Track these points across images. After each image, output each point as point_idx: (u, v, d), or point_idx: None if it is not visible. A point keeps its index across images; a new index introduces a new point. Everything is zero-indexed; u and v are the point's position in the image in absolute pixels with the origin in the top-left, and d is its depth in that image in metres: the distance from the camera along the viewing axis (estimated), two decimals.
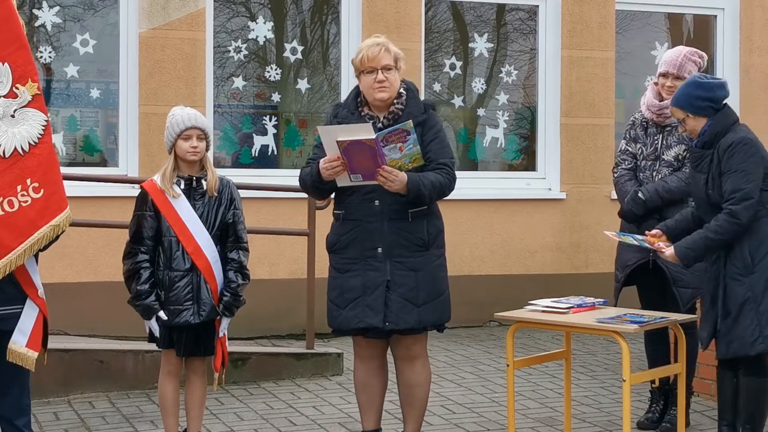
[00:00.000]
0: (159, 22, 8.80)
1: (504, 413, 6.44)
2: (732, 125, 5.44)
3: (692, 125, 5.45)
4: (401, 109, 5.48)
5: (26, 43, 4.72)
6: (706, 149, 5.43)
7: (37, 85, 4.69)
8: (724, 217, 5.30)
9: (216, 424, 6.54)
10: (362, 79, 5.49)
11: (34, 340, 4.65)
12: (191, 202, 5.50)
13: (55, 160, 4.74)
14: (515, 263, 9.61)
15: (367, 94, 5.50)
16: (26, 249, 4.60)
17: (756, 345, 5.31)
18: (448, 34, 10.07)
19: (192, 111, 5.58)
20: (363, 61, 5.44)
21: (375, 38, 5.55)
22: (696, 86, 5.47)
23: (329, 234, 5.60)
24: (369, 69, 5.43)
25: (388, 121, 5.46)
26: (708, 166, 5.42)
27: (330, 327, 5.61)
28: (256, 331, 8.63)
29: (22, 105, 4.67)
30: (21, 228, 4.59)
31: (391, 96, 5.46)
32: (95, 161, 9.03)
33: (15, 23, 4.67)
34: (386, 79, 5.42)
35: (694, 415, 6.52)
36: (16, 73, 4.65)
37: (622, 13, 10.24)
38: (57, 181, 4.71)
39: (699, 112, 5.42)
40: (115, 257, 6.47)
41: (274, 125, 9.40)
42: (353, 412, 6.77)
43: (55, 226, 4.66)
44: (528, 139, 10.16)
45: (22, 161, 4.62)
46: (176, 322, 5.45)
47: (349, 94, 5.70)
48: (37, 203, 4.62)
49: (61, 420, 6.65)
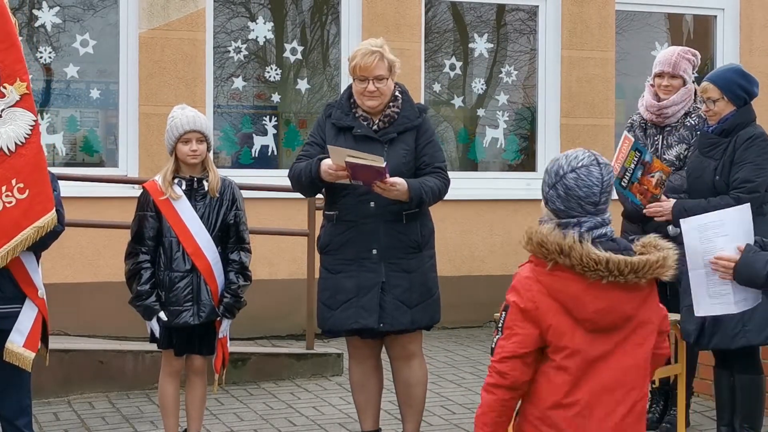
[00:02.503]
0: (159, 22, 8.80)
1: None
2: (752, 121, 5.56)
3: (721, 108, 5.52)
4: (396, 112, 5.47)
5: (17, 42, 4.67)
6: (723, 137, 5.50)
7: (26, 84, 4.65)
8: (729, 200, 5.34)
9: (216, 425, 6.54)
10: (354, 83, 5.47)
11: (31, 340, 4.64)
12: (192, 203, 5.50)
13: (43, 161, 4.70)
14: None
15: (357, 98, 5.48)
16: (9, 250, 4.58)
17: (737, 339, 5.33)
18: (448, 34, 10.07)
19: (192, 113, 5.55)
20: (355, 69, 5.40)
21: (371, 44, 5.47)
22: (740, 74, 5.57)
23: (321, 235, 5.57)
24: (361, 77, 5.41)
25: (384, 124, 5.44)
26: (722, 153, 5.49)
27: (321, 329, 5.60)
28: (256, 331, 8.62)
29: (10, 105, 4.63)
30: (4, 229, 4.56)
31: (381, 103, 5.44)
32: (95, 162, 9.03)
33: (6, 22, 4.62)
34: (377, 89, 5.39)
35: (694, 416, 6.52)
36: (4, 73, 4.61)
37: (622, 13, 10.24)
38: (43, 182, 4.66)
39: (733, 98, 5.51)
40: (115, 257, 6.47)
41: (274, 125, 9.40)
42: (353, 413, 6.77)
43: (39, 228, 4.62)
44: (528, 139, 10.16)
45: (8, 161, 4.58)
46: (176, 323, 5.45)
47: (343, 93, 5.66)
48: (22, 204, 4.59)
49: (61, 420, 6.65)
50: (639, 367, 3.52)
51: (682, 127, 6.26)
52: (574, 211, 3.51)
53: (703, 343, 5.44)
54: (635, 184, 5.41)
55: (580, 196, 3.50)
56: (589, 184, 3.49)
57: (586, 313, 3.45)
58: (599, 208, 3.51)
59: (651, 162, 5.33)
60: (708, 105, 5.57)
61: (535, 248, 3.49)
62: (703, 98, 5.61)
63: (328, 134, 5.48)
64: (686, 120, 6.28)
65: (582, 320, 3.46)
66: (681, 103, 6.28)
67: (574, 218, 3.51)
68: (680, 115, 6.29)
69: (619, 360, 3.49)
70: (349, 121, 5.45)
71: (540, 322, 3.48)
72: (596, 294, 3.45)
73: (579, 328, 3.47)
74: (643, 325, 3.53)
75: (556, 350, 3.48)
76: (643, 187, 5.41)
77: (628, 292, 3.47)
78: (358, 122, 5.43)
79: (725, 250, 4.38)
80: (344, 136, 5.42)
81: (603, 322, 3.47)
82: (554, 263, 3.46)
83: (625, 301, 3.48)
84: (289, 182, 5.62)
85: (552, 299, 3.48)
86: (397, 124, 5.45)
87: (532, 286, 3.51)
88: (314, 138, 5.56)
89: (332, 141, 5.40)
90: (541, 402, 3.51)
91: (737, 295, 4.46)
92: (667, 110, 6.26)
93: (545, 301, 3.47)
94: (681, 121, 6.29)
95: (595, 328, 3.46)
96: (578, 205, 3.50)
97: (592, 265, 3.41)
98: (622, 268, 3.42)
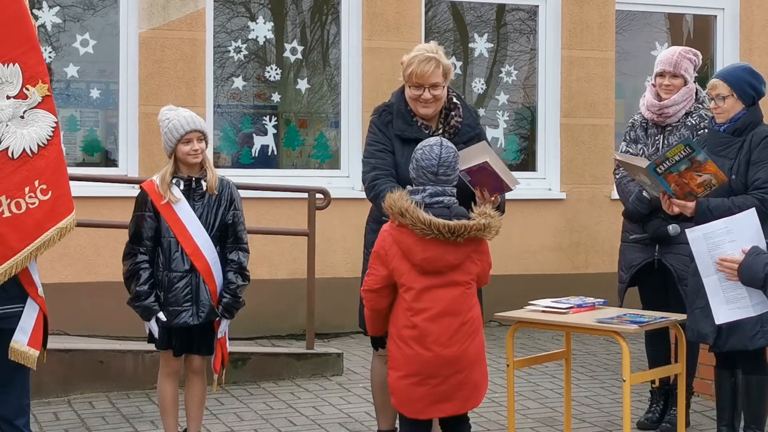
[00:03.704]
0: (159, 22, 8.80)
1: (504, 413, 6.44)
2: (761, 121, 5.56)
3: (730, 105, 5.50)
4: (459, 122, 5.43)
5: (37, 44, 4.69)
6: (736, 136, 5.49)
7: (47, 86, 4.67)
8: (753, 200, 5.32)
9: (216, 424, 6.53)
10: (407, 88, 5.37)
11: (35, 338, 4.65)
12: (191, 203, 5.49)
13: (64, 163, 4.73)
14: (515, 263, 9.61)
15: (411, 104, 5.40)
16: (32, 251, 4.59)
17: (756, 339, 5.29)
18: (448, 34, 10.07)
19: (187, 113, 5.54)
20: (411, 76, 5.31)
21: (427, 50, 5.35)
22: (749, 73, 5.57)
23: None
24: (416, 84, 5.33)
25: (449, 135, 5.34)
26: (737, 152, 5.47)
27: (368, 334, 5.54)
28: (256, 331, 8.62)
29: (32, 106, 4.65)
30: (27, 230, 4.57)
31: (435, 110, 5.38)
32: (95, 161, 9.03)
33: (27, 24, 4.65)
34: (432, 96, 5.32)
35: (694, 415, 6.52)
36: (27, 74, 4.63)
37: (622, 13, 10.24)
38: (65, 183, 4.69)
39: (743, 96, 5.50)
40: (115, 257, 6.46)
41: (274, 125, 9.40)
42: (353, 412, 6.77)
43: (62, 229, 4.65)
44: (528, 139, 10.16)
45: (31, 162, 4.60)
46: (175, 323, 5.44)
47: (397, 98, 5.50)
48: (45, 205, 4.61)
49: (61, 420, 6.65)
50: (462, 299, 4.74)
51: (683, 127, 6.26)
52: (421, 179, 4.76)
53: (721, 344, 5.36)
54: (673, 175, 5.32)
55: (423, 167, 4.76)
56: (429, 157, 4.76)
57: (417, 259, 4.68)
58: (439, 178, 4.74)
59: (704, 163, 5.25)
60: (717, 102, 5.54)
61: (388, 209, 4.68)
62: (711, 95, 5.58)
63: (395, 144, 5.39)
64: (687, 120, 6.28)
65: (414, 264, 4.68)
66: (682, 103, 6.28)
67: (422, 185, 4.75)
68: (681, 115, 6.29)
69: (445, 294, 4.70)
70: (414, 132, 5.35)
71: (388, 264, 4.72)
72: (424, 246, 4.66)
73: (413, 270, 4.68)
74: (465, 271, 4.75)
75: (400, 286, 4.73)
76: (683, 180, 5.33)
77: (451, 246, 4.68)
78: (422, 133, 5.32)
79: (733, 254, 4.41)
80: (410, 148, 5.21)
81: (430, 267, 4.68)
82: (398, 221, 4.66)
83: (448, 253, 4.68)
84: (366, 195, 5.46)
85: (397, 247, 4.69)
86: (461, 134, 5.42)
87: (386, 237, 4.74)
88: (384, 144, 5.40)
89: (399, 151, 5.34)
90: (398, 323, 4.77)
91: (754, 298, 4.49)
92: (668, 110, 6.26)
93: (393, 249, 4.71)
94: (682, 121, 6.29)
95: (424, 271, 4.68)
96: (423, 174, 4.75)
97: (419, 225, 4.61)
98: (441, 228, 4.62)
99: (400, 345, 4.75)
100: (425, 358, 4.70)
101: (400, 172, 5.29)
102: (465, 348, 4.75)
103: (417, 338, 4.70)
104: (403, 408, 4.82)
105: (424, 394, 4.74)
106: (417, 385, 4.73)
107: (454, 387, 4.75)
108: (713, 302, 4.59)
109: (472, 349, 4.80)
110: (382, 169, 5.37)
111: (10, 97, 4.60)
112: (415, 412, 4.79)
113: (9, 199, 4.53)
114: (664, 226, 6.15)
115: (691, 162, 5.26)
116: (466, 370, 4.77)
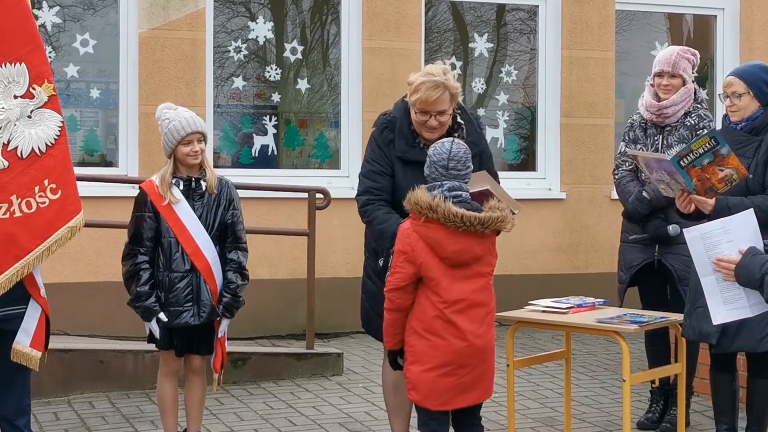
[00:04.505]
0: (159, 22, 8.80)
1: (504, 413, 6.44)
2: None
3: (746, 103, 5.48)
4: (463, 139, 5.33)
5: (41, 44, 4.70)
6: (753, 135, 5.47)
7: (53, 86, 4.69)
8: None
9: (216, 424, 6.54)
10: (413, 112, 5.26)
11: (37, 339, 4.65)
12: (190, 203, 5.49)
13: (70, 162, 4.73)
14: (515, 263, 9.61)
15: (416, 127, 5.31)
16: (44, 251, 4.59)
17: (764, 342, 5.24)
18: (448, 34, 10.07)
19: (188, 113, 5.53)
20: (416, 102, 5.19)
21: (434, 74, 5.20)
22: (765, 71, 5.55)
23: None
24: (422, 110, 5.23)
25: None
26: (754, 151, 5.43)
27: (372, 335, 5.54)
28: (256, 331, 8.62)
29: (39, 106, 4.66)
30: (38, 229, 4.57)
31: (440, 135, 5.24)
32: (95, 161, 9.03)
33: (31, 23, 4.66)
34: (438, 123, 5.23)
35: (694, 415, 6.52)
36: (33, 74, 4.64)
37: (622, 13, 10.24)
38: (72, 182, 4.70)
39: (759, 94, 5.48)
40: (115, 257, 6.46)
41: (274, 125, 9.40)
42: (353, 412, 6.78)
43: (72, 228, 4.65)
44: (528, 139, 10.16)
45: (39, 162, 4.60)
46: (176, 324, 5.44)
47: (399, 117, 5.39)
48: (55, 204, 4.60)
49: (61, 420, 6.65)
50: (484, 290, 4.85)
51: (682, 127, 6.26)
52: (433, 174, 4.83)
53: (725, 345, 5.30)
54: (696, 169, 5.24)
55: (434, 161, 4.84)
56: (440, 152, 4.84)
57: (447, 252, 4.74)
58: (450, 172, 4.80)
59: (727, 157, 5.18)
60: (732, 100, 5.50)
61: (413, 207, 4.74)
62: (726, 93, 5.54)
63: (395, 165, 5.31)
64: (686, 120, 6.28)
65: (443, 258, 4.74)
66: (681, 103, 6.28)
67: (435, 181, 4.80)
68: (680, 115, 6.29)
69: (473, 284, 4.81)
70: (416, 155, 5.26)
71: (415, 260, 4.75)
72: (455, 239, 4.74)
73: (442, 264, 4.75)
74: (487, 263, 4.87)
75: (429, 280, 4.77)
76: (705, 175, 5.25)
77: (477, 238, 4.78)
78: (424, 155, 5.10)
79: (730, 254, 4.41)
80: (411, 169, 5.21)
81: (459, 259, 4.76)
82: (426, 217, 4.71)
83: (475, 245, 4.78)
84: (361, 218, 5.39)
85: (423, 243, 4.74)
86: None
87: (410, 234, 4.78)
88: (381, 167, 5.33)
89: (400, 172, 5.28)
90: (424, 316, 4.79)
91: (752, 299, 4.48)
92: (667, 110, 6.26)
93: (419, 244, 4.75)
94: (681, 121, 6.29)
95: (453, 264, 4.76)
96: (435, 170, 4.82)
97: (451, 218, 4.69)
98: (473, 221, 4.72)
99: (429, 337, 4.77)
100: (457, 348, 4.76)
101: (399, 194, 5.14)
102: (490, 337, 4.88)
103: (451, 329, 4.76)
104: (428, 401, 4.83)
105: (451, 385, 4.80)
106: (444, 376, 4.78)
107: (478, 376, 4.85)
108: (711, 302, 4.59)
109: (493, 340, 4.93)
110: (375, 193, 5.28)
111: (18, 96, 4.60)
112: (440, 404, 4.83)
113: (20, 198, 4.53)
114: (664, 226, 6.15)
115: (714, 156, 5.17)
116: (490, 359, 4.91)
